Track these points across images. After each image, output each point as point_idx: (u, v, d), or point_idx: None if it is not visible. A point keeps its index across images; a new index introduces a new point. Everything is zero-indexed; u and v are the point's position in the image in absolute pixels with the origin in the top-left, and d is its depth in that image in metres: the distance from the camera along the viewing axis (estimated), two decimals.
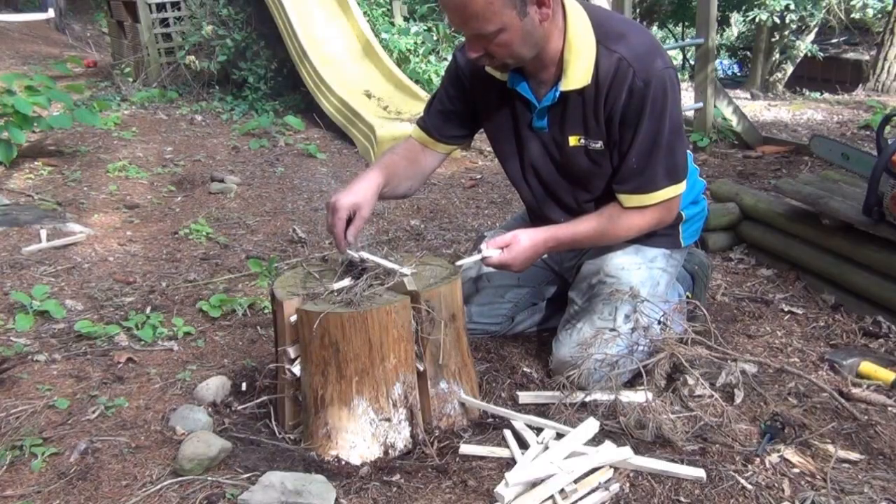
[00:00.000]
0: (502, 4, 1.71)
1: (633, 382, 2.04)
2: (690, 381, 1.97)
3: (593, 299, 2.10)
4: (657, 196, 1.96)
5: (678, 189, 1.99)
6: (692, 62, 10.06)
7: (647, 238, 2.13)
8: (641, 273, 2.10)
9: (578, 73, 1.88)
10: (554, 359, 2.12)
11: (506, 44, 1.78)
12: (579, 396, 1.92)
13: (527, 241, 1.94)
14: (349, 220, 1.88)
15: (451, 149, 2.26)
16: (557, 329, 2.17)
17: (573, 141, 1.99)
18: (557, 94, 1.92)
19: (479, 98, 2.11)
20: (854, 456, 1.75)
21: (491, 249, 1.92)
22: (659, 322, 2.01)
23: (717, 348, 1.98)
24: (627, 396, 1.94)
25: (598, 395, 1.92)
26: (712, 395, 1.95)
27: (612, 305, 2.05)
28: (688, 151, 2.20)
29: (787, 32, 9.48)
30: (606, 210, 2.02)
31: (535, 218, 2.26)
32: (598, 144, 1.97)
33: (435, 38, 6.83)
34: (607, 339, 1.96)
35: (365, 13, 6.79)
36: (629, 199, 1.98)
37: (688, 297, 2.31)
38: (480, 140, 4.33)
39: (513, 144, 2.12)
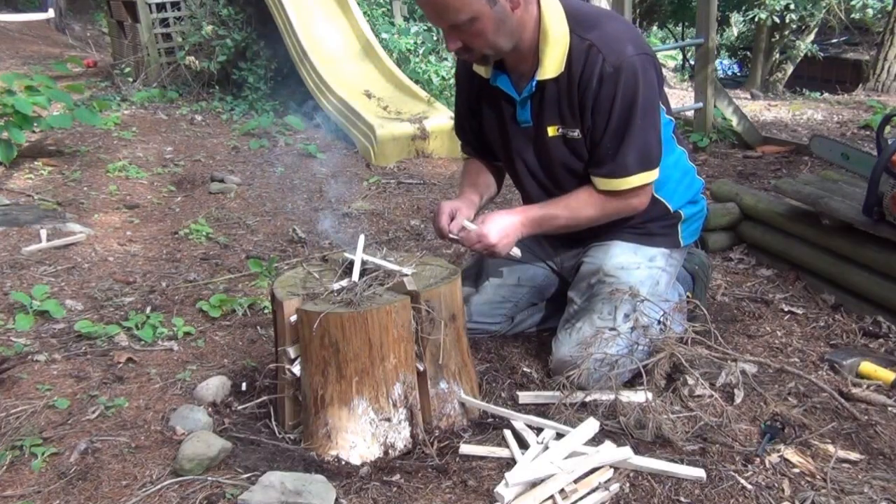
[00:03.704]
0: None
1: (632, 382, 2.04)
2: (690, 381, 1.97)
3: (593, 299, 2.10)
4: (629, 182, 1.97)
5: (650, 176, 2.00)
6: (692, 62, 10.05)
7: (646, 237, 2.13)
8: (641, 272, 2.10)
9: (553, 63, 1.92)
10: (554, 358, 2.12)
11: (480, 33, 1.83)
12: (579, 396, 1.92)
13: (501, 216, 1.98)
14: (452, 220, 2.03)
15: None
16: (557, 329, 2.17)
17: (552, 131, 2.02)
18: (534, 84, 1.96)
19: (475, 103, 2.15)
20: (854, 456, 1.75)
21: (469, 224, 1.98)
22: (659, 322, 2.01)
23: (717, 348, 1.98)
24: (627, 396, 1.94)
25: (598, 395, 1.92)
26: (712, 395, 1.95)
27: (612, 305, 2.05)
28: (683, 150, 2.20)
29: (787, 32, 9.49)
30: (581, 191, 2.04)
31: None
32: (576, 133, 1.99)
33: (435, 38, 6.82)
34: (607, 339, 1.96)
35: (365, 13, 6.79)
36: (602, 183, 2.00)
37: (688, 297, 2.30)
38: None
39: (504, 143, 2.15)
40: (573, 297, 2.17)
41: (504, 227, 1.97)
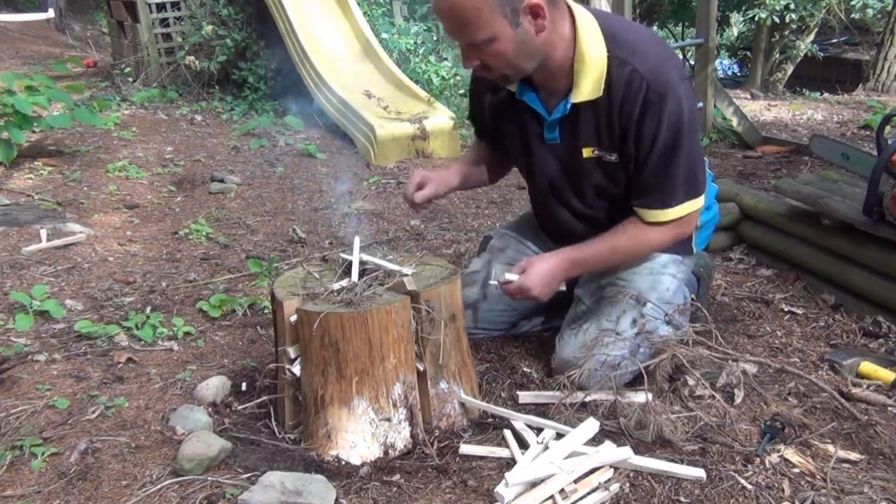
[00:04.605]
0: (492, 13, 1.69)
1: (633, 383, 2.04)
2: (691, 382, 1.97)
3: (601, 301, 2.09)
4: (676, 212, 1.92)
5: (697, 204, 1.94)
6: (692, 62, 10.05)
7: None
8: (652, 278, 2.08)
9: (589, 85, 1.85)
10: (557, 358, 2.11)
11: (499, 54, 1.76)
12: (579, 396, 1.92)
13: (542, 264, 1.93)
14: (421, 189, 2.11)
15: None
16: (562, 327, 2.16)
17: (587, 153, 1.95)
18: (569, 105, 1.89)
19: (490, 109, 2.10)
20: (854, 456, 1.75)
21: (511, 275, 1.93)
22: (668, 323, 2.00)
23: (718, 348, 1.98)
24: (628, 397, 1.94)
25: (599, 396, 1.92)
26: (713, 396, 1.95)
27: (620, 309, 2.03)
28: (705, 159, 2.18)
29: (787, 32, 9.47)
30: (622, 227, 1.98)
31: (550, 229, 2.24)
32: (613, 157, 1.93)
33: (435, 38, 6.83)
34: (610, 343, 1.95)
35: (365, 13, 6.79)
36: (649, 215, 1.94)
37: (693, 299, 2.29)
38: None
39: (525, 157, 2.10)
40: (581, 296, 2.16)
41: (545, 275, 1.92)
